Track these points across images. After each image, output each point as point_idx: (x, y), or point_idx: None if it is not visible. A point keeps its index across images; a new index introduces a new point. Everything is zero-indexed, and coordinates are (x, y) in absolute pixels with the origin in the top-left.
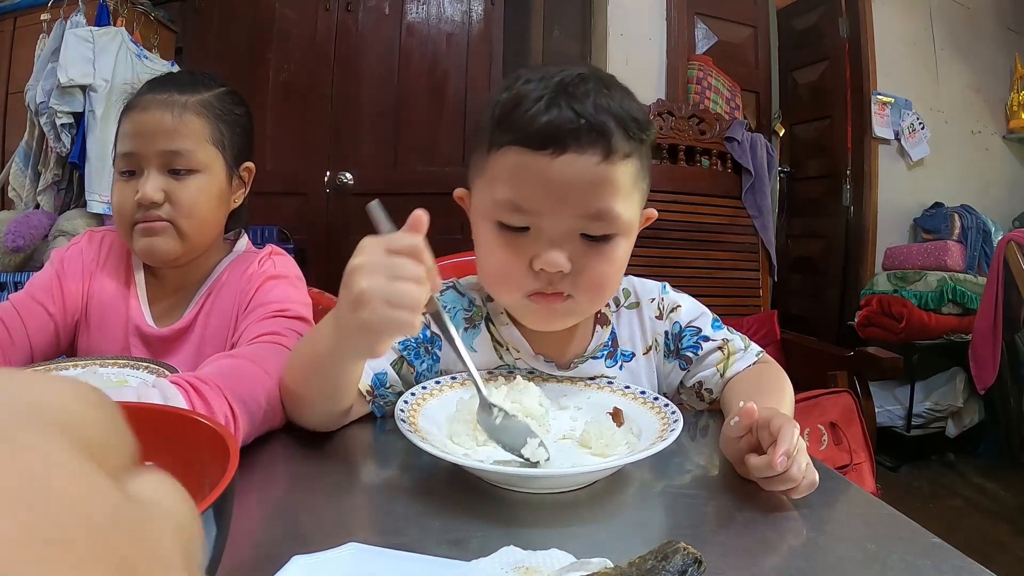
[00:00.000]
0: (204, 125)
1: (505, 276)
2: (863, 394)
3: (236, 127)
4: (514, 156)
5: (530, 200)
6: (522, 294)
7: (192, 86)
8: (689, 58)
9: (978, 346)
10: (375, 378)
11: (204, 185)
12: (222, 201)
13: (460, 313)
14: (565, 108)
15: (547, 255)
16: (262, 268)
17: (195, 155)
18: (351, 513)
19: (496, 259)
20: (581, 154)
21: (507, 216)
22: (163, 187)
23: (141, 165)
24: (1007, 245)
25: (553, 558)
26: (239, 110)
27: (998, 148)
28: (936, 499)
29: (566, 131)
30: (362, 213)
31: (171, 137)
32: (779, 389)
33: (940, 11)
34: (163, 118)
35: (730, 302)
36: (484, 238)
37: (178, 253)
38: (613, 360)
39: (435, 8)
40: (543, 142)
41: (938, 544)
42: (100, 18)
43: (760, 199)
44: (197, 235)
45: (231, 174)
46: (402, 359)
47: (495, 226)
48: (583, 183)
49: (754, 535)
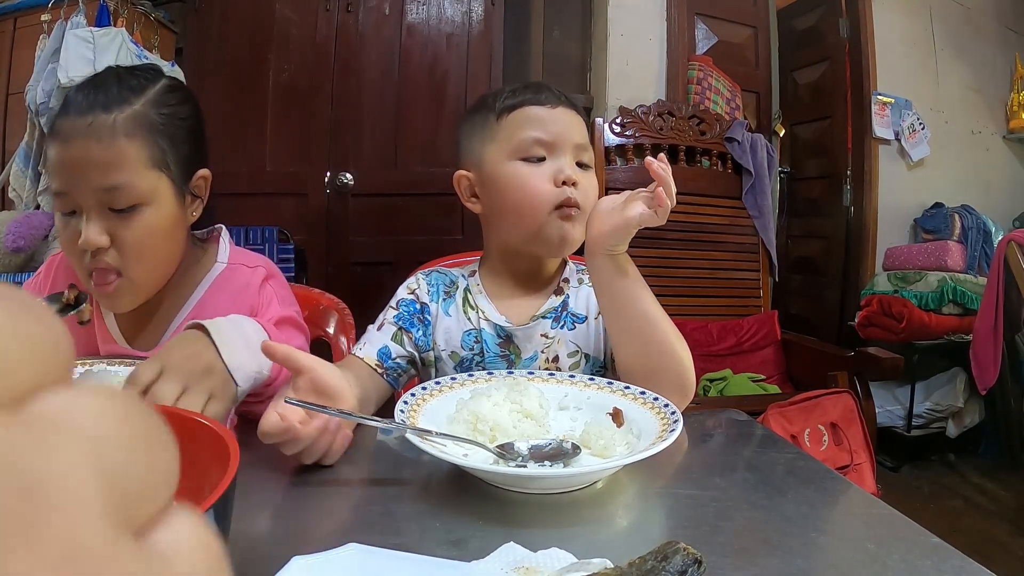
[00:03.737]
0: (140, 148)
1: (541, 194)
2: (863, 394)
3: (179, 135)
4: (529, 110)
5: (549, 135)
6: (550, 207)
7: (120, 95)
8: (689, 58)
9: (979, 346)
10: (380, 352)
11: (151, 220)
12: (176, 229)
13: (440, 288)
14: (538, 90)
15: (566, 170)
16: (263, 298)
17: (135, 187)
18: (351, 513)
19: (528, 185)
20: (567, 108)
21: (531, 150)
22: (106, 229)
23: (78, 204)
24: (1007, 245)
25: (553, 558)
26: (182, 110)
27: (998, 148)
28: (936, 499)
29: (550, 95)
30: (362, 213)
31: (104, 172)
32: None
33: (940, 11)
34: (90, 150)
35: (730, 302)
36: (510, 179)
37: (138, 301)
38: (558, 323)
39: (435, 9)
40: (542, 100)
41: (938, 544)
42: (100, 19)
43: (760, 199)
44: (152, 279)
45: (182, 193)
46: (400, 330)
47: (520, 164)
48: (573, 123)
49: (754, 535)
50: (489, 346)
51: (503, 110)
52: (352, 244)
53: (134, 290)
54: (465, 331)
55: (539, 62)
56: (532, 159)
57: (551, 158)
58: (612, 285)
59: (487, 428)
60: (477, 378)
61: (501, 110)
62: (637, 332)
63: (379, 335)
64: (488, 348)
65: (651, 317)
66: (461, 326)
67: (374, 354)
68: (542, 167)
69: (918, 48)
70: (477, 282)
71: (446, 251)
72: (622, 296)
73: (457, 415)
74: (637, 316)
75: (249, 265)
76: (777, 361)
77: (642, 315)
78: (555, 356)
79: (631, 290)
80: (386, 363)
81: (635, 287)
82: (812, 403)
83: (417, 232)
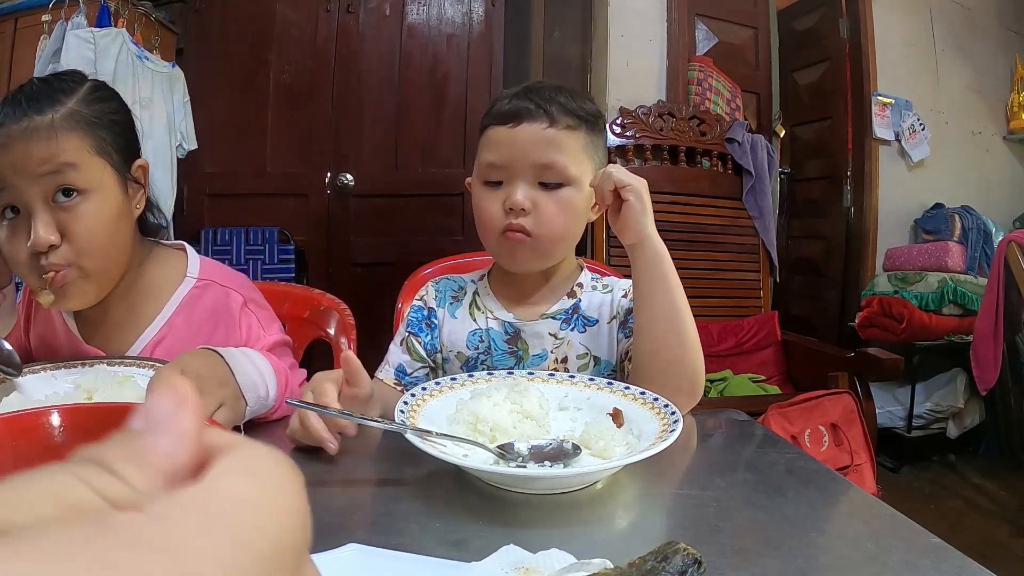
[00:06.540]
0: (81, 138)
1: (488, 219)
2: (864, 395)
3: (115, 128)
4: (491, 132)
5: (501, 159)
6: (498, 231)
7: (52, 97)
8: (690, 59)
9: (979, 347)
10: (396, 371)
11: (98, 208)
12: (122, 218)
13: (448, 293)
14: (523, 98)
15: (513, 196)
16: (247, 326)
17: (81, 172)
18: (351, 513)
19: (482, 208)
20: (532, 123)
21: (487, 174)
22: (55, 224)
23: (23, 201)
24: (1008, 246)
25: (553, 558)
26: (112, 106)
27: (999, 149)
28: (937, 500)
29: (522, 109)
30: (363, 214)
31: (48, 160)
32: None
33: (940, 11)
34: (31, 147)
35: (731, 303)
36: (476, 198)
37: (92, 297)
38: (568, 324)
39: (436, 10)
40: (506, 118)
41: (938, 544)
42: (101, 19)
43: (761, 200)
44: (105, 270)
45: (125, 182)
46: (411, 335)
47: (481, 186)
48: (536, 142)
49: (754, 535)
50: (497, 344)
51: (480, 128)
52: (353, 245)
53: (86, 282)
54: (471, 331)
55: (539, 63)
56: (491, 182)
57: (506, 182)
58: (641, 275)
59: (487, 428)
60: (477, 378)
61: (480, 128)
62: (665, 324)
63: (395, 352)
64: (496, 346)
65: (679, 310)
66: (466, 327)
67: (392, 375)
68: (497, 192)
69: (918, 49)
70: (486, 285)
71: (446, 252)
72: (651, 286)
73: (457, 415)
74: (667, 308)
75: (221, 283)
76: (777, 362)
77: (671, 307)
78: (564, 357)
79: (662, 282)
80: (403, 380)
81: (667, 280)
82: (812, 404)
83: (417, 232)
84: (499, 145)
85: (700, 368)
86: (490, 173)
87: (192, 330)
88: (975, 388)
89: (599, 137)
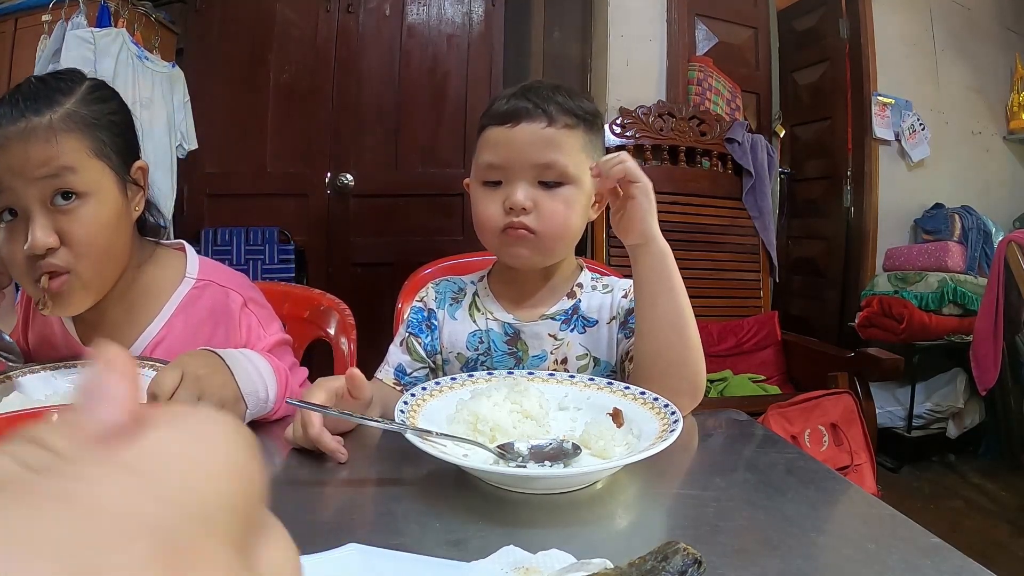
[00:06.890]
0: (80, 140)
1: (487, 219)
2: (864, 395)
3: (114, 128)
4: (489, 132)
5: (500, 159)
6: (499, 230)
7: (50, 98)
8: (689, 59)
9: (979, 347)
10: (396, 371)
11: (97, 211)
12: (121, 221)
13: (448, 294)
14: (521, 98)
15: (513, 196)
16: (248, 326)
17: (80, 175)
18: (351, 513)
19: (481, 208)
20: (531, 123)
21: (486, 175)
22: (53, 227)
23: (21, 204)
24: (1007, 246)
25: (553, 558)
26: (111, 106)
27: (998, 149)
28: (937, 500)
29: (520, 109)
30: (363, 214)
31: (47, 163)
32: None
33: (940, 11)
34: (29, 149)
35: (731, 303)
36: (474, 198)
37: (89, 301)
38: (568, 325)
39: (436, 10)
40: (504, 118)
41: (938, 544)
42: (101, 19)
43: (761, 200)
44: (103, 275)
45: (124, 184)
46: (411, 335)
47: (480, 186)
48: (535, 142)
49: (754, 535)
50: (496, 345)
51: (479, 129)
52: (353, 245)
53: (84, 288)
54: (470, 332)
55: (539, 63)
56: (489, 183)
57: (505, 182)
58: (645, 275)
59: (487, 428)
60: (477, 378)
61: (478, 128)
62: (668, 325)
63: (395, 352)
64: (496, 347)
65: (682, 311)
66: (466, 328)
67: (392, 374)
68: (496, 192)
69: (918, 49)
70: (485, 286)
71: (446, 252)
72: (655, 287)
73: (457, 415)
74: (670, 309)
75: (220, 283)
76: (777, 362)
77: (674, 308)
78: (563, 358)
79: (666, 283)
80: (403, 380)
81: (671, 281)
82: (812, 404)
83: (417, 233)
84: (498, 145)
85: (702, 369)
86: (489, 173)
87: (191, 330)
88: (975, 388)
89: (597, 136)
